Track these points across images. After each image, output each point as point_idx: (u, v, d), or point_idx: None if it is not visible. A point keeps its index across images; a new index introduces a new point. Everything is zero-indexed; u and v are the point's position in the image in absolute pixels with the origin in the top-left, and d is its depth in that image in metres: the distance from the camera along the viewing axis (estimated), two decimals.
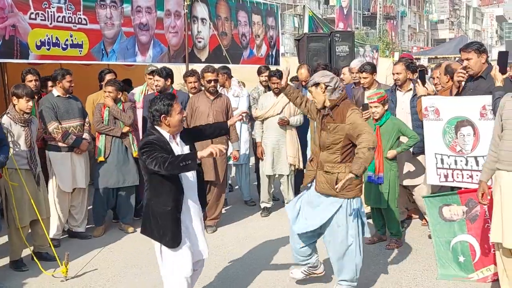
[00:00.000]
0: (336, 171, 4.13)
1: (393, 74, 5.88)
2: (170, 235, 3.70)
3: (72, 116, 5.91)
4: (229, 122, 4.27)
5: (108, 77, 6.75)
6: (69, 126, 5.84)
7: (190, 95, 6.57)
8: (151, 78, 6.67)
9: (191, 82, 6.71)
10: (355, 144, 4.01)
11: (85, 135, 6.00)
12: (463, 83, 5.19)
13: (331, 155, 4.16)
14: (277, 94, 6.68)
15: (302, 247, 4.44)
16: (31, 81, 5.96)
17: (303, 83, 7.26)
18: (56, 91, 5.88)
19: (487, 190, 4.02)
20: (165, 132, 3.75)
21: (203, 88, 6.43)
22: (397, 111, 5.81)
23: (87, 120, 6.09)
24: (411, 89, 5.84)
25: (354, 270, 4.29)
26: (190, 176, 3.86)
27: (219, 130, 4.26)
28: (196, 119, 6.14)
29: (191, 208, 3.88)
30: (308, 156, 6.79)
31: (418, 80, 5.68)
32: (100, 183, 6.21)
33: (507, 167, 3.76)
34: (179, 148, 3.81)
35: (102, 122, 6.16)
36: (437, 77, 6.36)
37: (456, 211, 4.68)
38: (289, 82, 4.59)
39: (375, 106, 5.40)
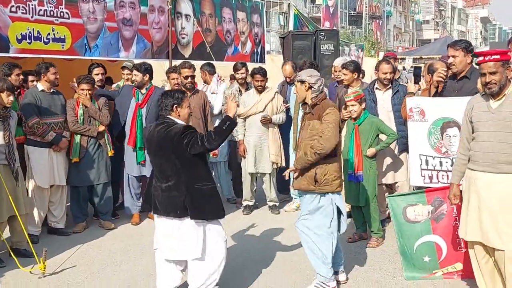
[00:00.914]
0: (314, 167, 4.26)
1: (383, 73, 5.84)
2: (221, 206, 4.11)
3: (54, 113, 5.84)
4: (229, 114, 4.13)
5: (97, 71, 6.64)
6: (50, 123, 5.77)
7: None
8: (125, 74, 6.79)
9: (174, 78, 6.68)
10: None
11: (65, 133, 5.93)
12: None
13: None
14: (259, 92, 6.66)
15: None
16: (18, 75, 5.83)
17: (287, 79, 7.25)
18: (41, 85, 5.79)
19: (459, 192, 4.06)
20: (178, 120, 4.01)
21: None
22: (379, 110, 5.83)
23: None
24: (390, 87, 5.87)
25: (329, 263, 4.38)
26: None
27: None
28: None
29: None
30: (291, 154, 6.79)
31: (411, 77, 5.70)
32: (75, 181, 6.14)
33: (483, 167, 3.78)
34: None
35: (77, 122, 6.01)
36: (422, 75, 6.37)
37: (421, 211, 4.62)
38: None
39: (352, 105, 5.44)
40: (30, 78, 6.25)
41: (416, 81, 5.53)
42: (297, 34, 10.04)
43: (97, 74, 6.60)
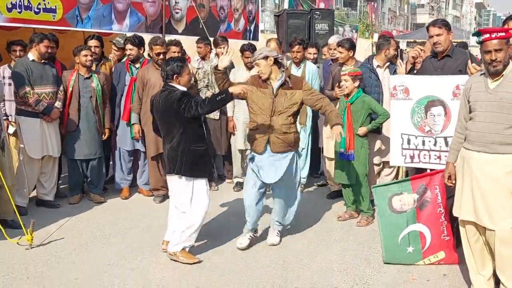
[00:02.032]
0: (292, 131, 4.78)
1: (394, 50, 5.89)
2: (210, 168, 4.60)
3: (46, 82, 5.75)
4: (231, 90, 4.39)
5: (91, 43, 6.49)
6: (41, 93, 5.69)
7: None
8: (114, 50, 6.74)
9: (174, 52, 6.58)
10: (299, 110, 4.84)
11: (57, 103, 5.85)
12: (420, 60, 5.22)
13: (286, 118, 4.72)
14: (249, 68, 6.60)
15: (257, 203, 4.93)
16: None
17: None
18: (32, 55, 5.70)
19: (454, 171, 4.05)
20: (179, 86, 4.43)
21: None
22: (383, 89, 5.80)
23: (61, 88, 5.93)
24: (388, 66, 5.85)
25: (294, 213, 5.14)
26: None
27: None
28: (148, 91, 6.00)
29: None
30: None
31: (400, 60, 5.67)
32: (74, 154, 6.12)
33: (478, 147, 3.77)
34: None
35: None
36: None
37: (407, 201, 4.51)
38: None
39: (345, 80, 5.43)
40: (18, 48, 6.08)
41: None
42: (292, 13, 9.92)
43: (91, 47, 6.44)
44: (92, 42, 6.53)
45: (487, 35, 3.69)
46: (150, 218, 5.73)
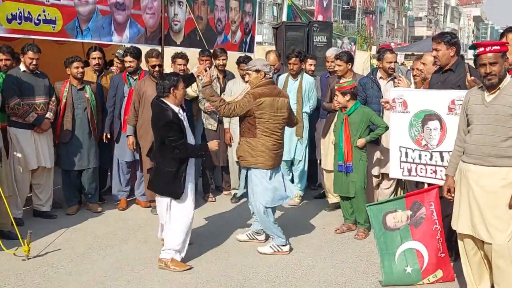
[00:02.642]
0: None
1: (388, 62, 5.92)
2: (176, 188, 4.58)
3: (37, 93, 5.77)
4: (210, 146, 4.79)
5: (94, 55, 6.60)
6: (32, 104, 5.70)
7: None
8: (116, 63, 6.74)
9: (180, 64, 6.61)
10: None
11: (48, 114, 5.86)
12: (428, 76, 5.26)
13: None
14: (246, 81, 6.62)
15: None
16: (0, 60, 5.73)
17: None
18: (22, 66, 5.72)
19: (453, 184, 4.05)
20: (172, 105, 4.55)
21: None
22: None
23: (53, 98, 5.95)
24: (392, 78, 5.89)
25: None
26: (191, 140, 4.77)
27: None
28: (144, 103, 6.01)
29: (190, 176, 4.71)
30: None
31: (400, 74, 5.68)
32: (67, 165, 6.15)
33: (475, 160, 3.79)
34: (182, 114, 4.66)
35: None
36: (417, 68, 6.29)
37: (400, 218, 4.44)
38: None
39: (336, 95, 5.50)
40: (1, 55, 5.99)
41: None
42: (291, 25, 10.00)
43: (94, 58, 6.57)
44: (96, 54, 6.61)
45: (482, 49, 3.72)
46: (147, 229, 5.72)
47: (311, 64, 7.24)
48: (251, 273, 4.66)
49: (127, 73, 6.42)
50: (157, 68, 6.10)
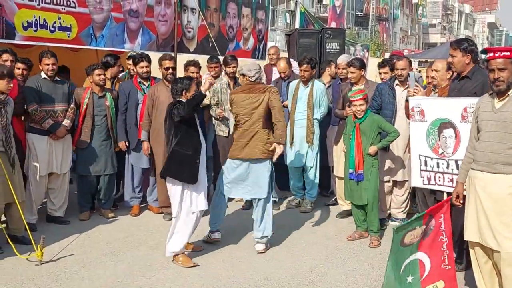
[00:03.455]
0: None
1: (397, 69, 5.89)
2: (192, 173, 4.77)
3: (56, 101, 5.83)
4: (200, 88, 4.89)
5: (97, 71, 6.59)
6: (50, 110, 5.76)
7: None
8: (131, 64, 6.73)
9: (193, 72, 6.65)
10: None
11: (65, 121, 5.91)
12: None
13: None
14: None
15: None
16: (6, 60, 5.72)
17: (282, 75, 7.22)
18: (43, 73, 5.80)
19: (462, 191, 4.02)
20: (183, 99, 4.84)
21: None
22: (398, 107, 5.82)
23: (72, 105, 6.01)
24: (408, 85, 5.87)
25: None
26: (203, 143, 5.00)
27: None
28: (157, 108, 6.05)
29: (202, 167, 4.94)
30: (287, 148, 6.77)
31: (417, 84, 5.66)
32: (83, 171, 6.20)
33: (482, 167, 3.77)
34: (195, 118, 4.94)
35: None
36: (430, 76, 6.26)
37: (417, 234, 4.26)
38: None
39: (360, 104, 5.42)
40: (19, 65, 5.95)
41: None
42: (303, 32, 9.99)
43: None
44: (100, 71, 6.62)
45: (491, 54, 3.71)
46: (160, 235, 5.74)
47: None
48: (262, 279, 4.65)
49: (140, 80, 6.45)
50: (170, 71, 6.14)
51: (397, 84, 5.96)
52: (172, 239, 4.88)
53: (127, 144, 6.36)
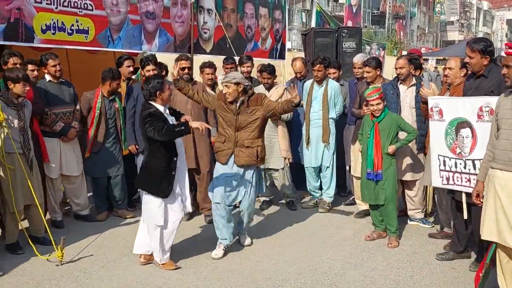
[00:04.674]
0: (255, 145, 5.11)
1: (396, 68, 5.90)
2: (161, 187, 4.62)
3: (63, 102, 5.89)
4: (190, 123, 4.67)
5: (127, 63, 6.68)
6: (59, 113, 5.82)
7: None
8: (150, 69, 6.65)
9: (208, 74, 6.67)
10: (265, 124, 5.27)
11: (74, 123, 5.97)
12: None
13: (250, 133, 5.07)
14: (268, 89, 6.65)
15: (229, 217, 5.25)
16: (15, 64, 5.69)
17: (298, 75, 7.20)
18: (48, 76, 5.86)
19: (482, 189, 3.98)
20: (159, 106, 4.65)
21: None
22: (402, 105, 5.79)
23: (78, 107, 6.07)
24: (414, 84, 5.82)
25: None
26: (179, 145, 4.78)
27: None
28: (174, 104, 5.98)
29: (181, 170, 4.76)
30: (304, 149, 6.77)
31: (432, 84, 5.61)
32: (92, 172, 6.28)
33: (502, 166, 3.73)
34: (170, 118, 4.76)
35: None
36: (444, 74, 6.23)
37: None
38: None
39: (377, 103, 5.38)
40: (30, 67, 5.92)
41: None
42: (319, 31, 9.94)
43: (128, 66, 6.66)
44: (129, 62, 6.71)
45: (510, 50, 3.68)
46: (177, 236, 5.74)
47: (330, 73, 7.00)
48: (280, 280, 4.65)
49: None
50: (186, 71, 6.16)
51: (400, 83, 5.91)
52: (158, 250, 4.81)
53: (137, 147, 6.38)
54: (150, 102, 4.66)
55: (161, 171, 4.60)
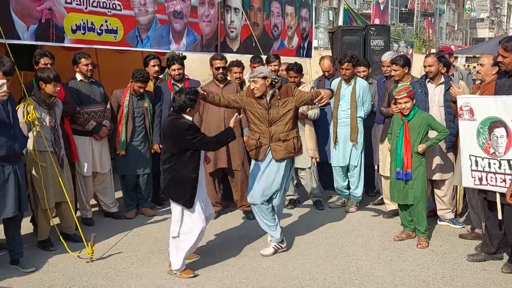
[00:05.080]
0: (291, 137, 5.03)
1: (424, 66, 5.81)
2: (190, 196, 4.58)
3: (94, 102, 5.97)
4: (230, 125, 4.84)
5: (153, 63, 6.75)
6: (90, 112, 5.91)
7: (202, 83, 6.52)
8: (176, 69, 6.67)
9: (236, 72, 6.69)
10: (297, 114, 5.21)
11: (105, 122, 6.06)
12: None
13: (284, 126, 4.99)
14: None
15: (271, 212, 5.18)
16: (46, 64, 5.74)
17: (326, 74, 7.15)
18: (79, 76, 5.95)
19: None
20: (188, 117, 4.62)
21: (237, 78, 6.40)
22: (430, 104, 5.71)
23: (108, 106, 6.15)
24: (442, 82, 5.73)
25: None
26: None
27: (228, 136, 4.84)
28: (208, 108, 6.08)
29: (201, 176, 4.73)
30: (331, 147, 6.74)
31: (461, 82, 5.52)
32: (122, 170, 6.36)
33: None
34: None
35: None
36: (475, 71, 6.14)
37: None
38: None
39: (405, 102, 5.31)
40: (43, 61, 5.71)
41: None
42: (347, 29, 9.88)
43: (154, 66, 6.72)
44: (155, 61, 6.77)
45: None
46: (206, 233, 5.75)
47: (359, 71, 6.95)
48: (307, 279, 4.63)
49: (173, 81, 6.50)
50: (221, 71, 6.17)
51: (428, 81, 5.83)
52: (173, 258, 4.70)
53: (160, 147, 6.41)
54: (180, 113, 4.61)
55: (192, 179, 4.58)
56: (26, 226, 5.42)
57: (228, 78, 6.48)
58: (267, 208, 5.13)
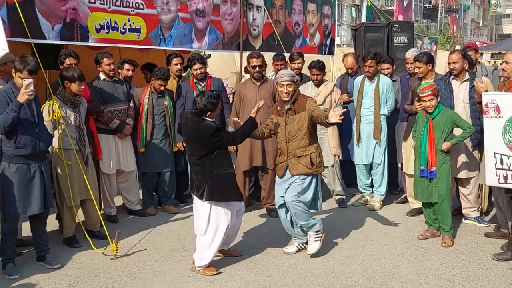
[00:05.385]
0: (308, 153, 4.92)
1: (449, 63, 5.72)
2: (236, 190, 4.77)
3: (117, 100, 6.04)
4: (251, 114, 4.93)
5: (176, 61, 6.79)
6: (114, 110, 5.97)
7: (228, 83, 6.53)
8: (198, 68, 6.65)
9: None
10: (315, 128, 5.03)
11: (128, 120, 6.12)
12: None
13: (299, 142, 4.90)
14: (317, 85, 6.58)
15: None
16: (71, 64, 5.78)
17: (349, 71, 7.09)
18: (102, 75, 6.01)
19: None
20: (209, 119, 4.62)
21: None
22: (455, 101, 5.63)
23: (131, 104, 6.21)
24: (467, 79, 5.65)
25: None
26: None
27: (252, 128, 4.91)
28: (244, 106, 6.09)
29: None
30: (354, 146, 6.69)
31: (484, 78, 5.43)
32: (144, 168, 6.40)
33: None
34: None
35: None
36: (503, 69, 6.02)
37: None
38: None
39: (430, 99, 5.25)
40: (68, 61, 5.73)
41: None
42: (370, 26, 9.79)
43: (176, 64, 6.78)
44: (177, 60, 6.82)
45: None
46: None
47: (383, 69, 6.88)
48: (331, 277, 4.61)
49: (195, 80, 6.52)
50: (257, 69, 6.17)
51: (453, 78, 5.74)
52: (199, 255, 4.72)
53: (184, 145, 6.44)
54: (202, 116, 4.61)
55: (232, 174, 4.73)
56: (52, 223, 5.51)
57: (265, 75, 6.44)
58: (286, 214, 5.13)
